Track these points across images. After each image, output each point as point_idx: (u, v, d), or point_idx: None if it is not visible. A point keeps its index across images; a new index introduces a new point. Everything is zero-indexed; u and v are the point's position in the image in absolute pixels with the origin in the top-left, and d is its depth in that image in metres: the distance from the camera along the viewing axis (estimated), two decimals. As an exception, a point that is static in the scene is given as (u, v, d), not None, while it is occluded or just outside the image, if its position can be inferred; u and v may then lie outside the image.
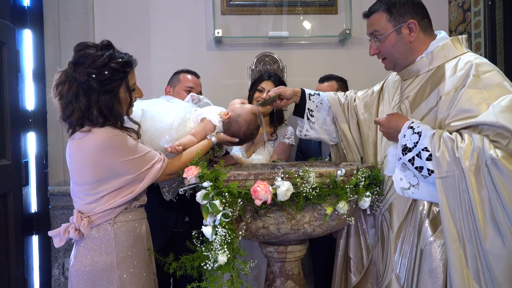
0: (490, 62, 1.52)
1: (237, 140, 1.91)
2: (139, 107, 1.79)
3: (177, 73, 2.52)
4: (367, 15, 1.71)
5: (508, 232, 1.31)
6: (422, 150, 1.46)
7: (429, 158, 1.45)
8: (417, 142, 1.47)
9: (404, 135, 1.51)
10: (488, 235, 1.33)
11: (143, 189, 1.62)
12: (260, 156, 2.46)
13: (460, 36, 1.63)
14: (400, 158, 1.53)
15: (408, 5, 1.61)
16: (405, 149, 1.51)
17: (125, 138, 1.58)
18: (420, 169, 1.48)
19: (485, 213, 1.34)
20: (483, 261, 1.34)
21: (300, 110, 2.00)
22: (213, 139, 1.83)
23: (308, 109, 1.97)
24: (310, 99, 1.97)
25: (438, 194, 1.41)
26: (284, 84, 2.63)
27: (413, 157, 1.48)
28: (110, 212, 1.59)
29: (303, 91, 1.99)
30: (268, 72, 2.72)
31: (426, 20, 1.64)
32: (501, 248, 1.32)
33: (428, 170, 1.46)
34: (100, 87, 1.53)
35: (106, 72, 1.52)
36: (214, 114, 1.89)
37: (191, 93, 2.11)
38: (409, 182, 1.54)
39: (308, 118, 1.98)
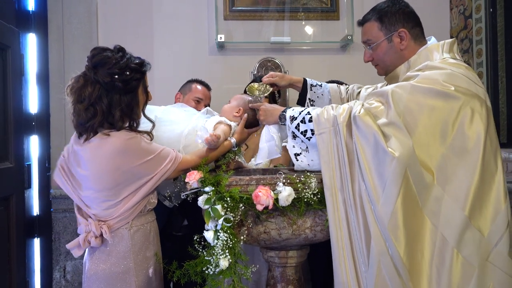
0: (437, 78, 1.45)
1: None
2: (153, 114, 1.79)
3: (190, 81, 2.49)
4: (360, 23, 1.75)
5: (364, 176, 1.43)
6: (306, 114, 1.61)
7: (311, 120, 1.59)
8: (302, 111, 1.64)
9: (293, 109, 1.68)
10: (355, 178, 1.47)
11: (157, 184, 1.63)
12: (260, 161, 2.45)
13: (441, 43, 1.61)
14: (289, 128, 1.65)
15: (399, 14, 1.64)
16: (292, 119, 1.65)
17: (140, 139, 1.59)
18: (305, 132, 1.61)
19: (353, 160, 1.48)
20: (351, 204, 1.46)
21: (302, 99, 2.03)
22: (233, 140, 1.83)
23: (309, 99, 2.01)
24: (311, 90, 2.01)
25: (319, 150, 1.54)
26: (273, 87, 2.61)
27: (299, 124, 1.62)
28: (128, 215, 1.60)
29: (305, 81, 2.01)
30: (258, 76, 2.69)
31: (417, 28, 1.66)
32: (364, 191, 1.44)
33: (312, 130, 1.58)
34: (123, 86, 1.56)
35: (127, 73, 1.56)
36: (223, 118, 1.89)
37: (207, 107, 2.06)
38: (300, 148, 1.65)
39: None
